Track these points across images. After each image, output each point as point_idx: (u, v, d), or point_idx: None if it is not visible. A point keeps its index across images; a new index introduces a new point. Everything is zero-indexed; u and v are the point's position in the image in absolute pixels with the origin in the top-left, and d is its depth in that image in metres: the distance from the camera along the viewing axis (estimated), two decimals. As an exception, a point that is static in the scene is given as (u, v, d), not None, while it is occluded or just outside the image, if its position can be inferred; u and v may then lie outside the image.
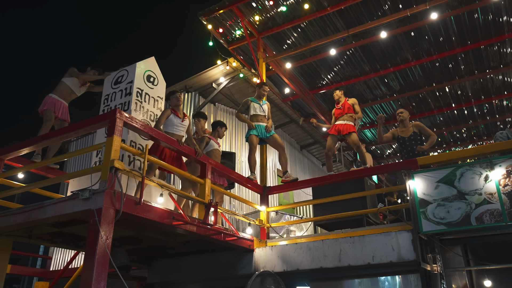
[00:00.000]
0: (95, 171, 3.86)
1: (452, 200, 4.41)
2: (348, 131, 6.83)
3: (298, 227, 7.55)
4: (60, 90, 6.17)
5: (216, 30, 8.48)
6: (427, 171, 4.74)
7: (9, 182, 5.05)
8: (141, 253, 6.10)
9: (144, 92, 5.79)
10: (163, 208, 4.23)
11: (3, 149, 4.93)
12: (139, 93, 5.71)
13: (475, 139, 13.36)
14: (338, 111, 7.13)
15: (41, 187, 4.96)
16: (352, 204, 5.89)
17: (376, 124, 12.24)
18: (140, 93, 5.74)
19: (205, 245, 5.51)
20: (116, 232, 3.92)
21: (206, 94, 9.75)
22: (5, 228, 4.40)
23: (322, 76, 10.32)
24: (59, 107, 6.07)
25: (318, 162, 15.09)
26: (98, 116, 4.27)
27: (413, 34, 8.75)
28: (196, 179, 5.10)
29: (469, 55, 9.30)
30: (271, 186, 6.67)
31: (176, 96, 5.56)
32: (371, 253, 4.72)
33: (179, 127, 5.38)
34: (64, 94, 6.19)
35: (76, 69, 6.29)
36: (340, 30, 8.53)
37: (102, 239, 3.39)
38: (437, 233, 4.43)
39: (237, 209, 9.34)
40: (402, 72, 9.99)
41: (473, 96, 10.92)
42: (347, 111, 7.00)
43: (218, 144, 6.20)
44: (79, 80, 6.32)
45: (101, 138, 5.61)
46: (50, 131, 5.56)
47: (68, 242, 5.31)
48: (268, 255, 5.44)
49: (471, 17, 8.24)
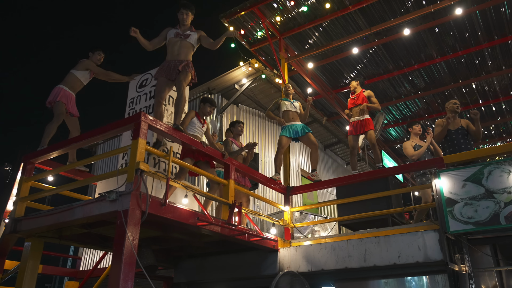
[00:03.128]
0: (121, 173, 3.95)
1: (480, 199, 4.32)
2: (365, 129, 6.80)
3: (322, 227, 7.51)
4: (71, 82, 5.92)
5: (238, 32, 8.53)
6: (454, 169, 4.64)
7: (40, 184, 5.21)
8: (167, 253, 6.19)
9: (168, 95, 5.87)
10: (188, 209, 4.29)
11: (34, 153, 5.10)
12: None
13: (504, 136, 13.01)
14: (351, 101, 7.09)
15: (70, 189, 5.10)
16: (376, 204, 5.83)
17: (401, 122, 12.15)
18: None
19: (230, 245, 5.55)
20: (143, 233, 4.01)
21: (229, 96, 9.82)
22: (36, 230, 4.54)
23: (344, 75, 10.25)
24: (70, 99, 5.86)
25: (342, 161, 14.97)
26: (124, 120, 4.37)
27: (437, 30, 8.59)
28: (220, 180, 5.15)
29: (496, 50, 9.07)
30: (295, 186, 6.67)
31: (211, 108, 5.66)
32: (397, 253, 4.66)
33: (198, 130, 5.47)
34: (74, 86, 5.95)
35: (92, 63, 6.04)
36: (362, 28, 8.46)
37: (129, 240, 3.47)
38: (464, 232, 4.34)
39: (261, 210, 9.37)
40: (426, 69, 9.82)
41: (501, 92, 10.63)
42: (361, 101, 6.94)
43: (239, 147, 6.24)
44: (92, 72, 6.10)
45: (127, 140, 5.73)
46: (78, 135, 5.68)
47: (97, 243, 5.44)
48: (293, 255, 5.44)
49: (497, 11, 8.03)
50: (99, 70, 6.06)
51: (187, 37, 5.36)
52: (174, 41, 5.33)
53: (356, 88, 7.12)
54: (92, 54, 6.10)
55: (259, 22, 8.32)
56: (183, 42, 5.34)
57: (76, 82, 5.97)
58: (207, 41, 5.47)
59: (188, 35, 5.36)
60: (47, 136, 5.56)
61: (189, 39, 5.37)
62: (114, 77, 6.09)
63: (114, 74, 6.08)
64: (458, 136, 5.90)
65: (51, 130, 5.62)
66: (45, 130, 5.61)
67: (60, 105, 5.71)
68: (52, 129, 5.64)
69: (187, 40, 5.35)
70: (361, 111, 6.89)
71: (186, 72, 5.19)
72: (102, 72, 6.05)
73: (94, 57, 6.10)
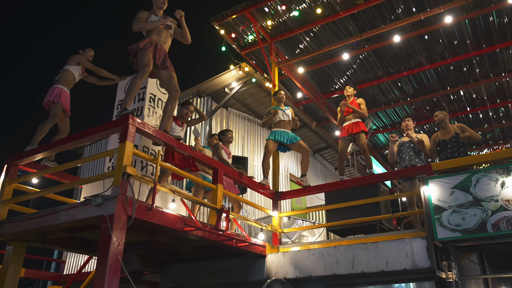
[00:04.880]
0: (108, 177, 3.88)
1: (467, 207, 4.33)
2: (357, 130, 6.78)
3: (310, 232, 7.49)
4: (67, 79, 5.83)
5: (228, 35, 8.50)
6: (442, 177, 4.66)
7: (24, 187, 5.10)
8: (153, 258, 6.12)
9: (157, 98, 5.82)
10: (175, 213, 4.23)
11: (18, 154, 5.00)
12: (152, 99, 5.75)
13: (490, 143, 13.16)
14: (345, 109, 7.06)
15: (55, 192, 5.00)
16: (365, 210, 5.83)
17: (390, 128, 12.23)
18: (153, 98, 5.78)
19: (217, 251, 5.50)
20: (129, 238, 3.94)
21: (219, 99, 9.78)
22: (19, 233, 4.45)
23: (334, 80, 10.28)
24: (66, 99, 5.78)
25: (331, 166, 15.00)
26: (111, 122, 4.31)
27: (427, 38, 8.66)
28: (208, 184, 5.11)
29: (484, 58, 9.17)
30: (283, 191, 6.64)
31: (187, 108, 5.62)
32: (385, 260, 4.66)
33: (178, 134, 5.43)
34: (70, 83, 5.88)
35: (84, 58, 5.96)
36: (353, 34, 8.49)
37: (114, 245, 3.40)
38: (452, 240, 4.35)
39: (249, 214, 9.32)
40: (415, 75, 9.89)
41: (489, 100, 10.75)
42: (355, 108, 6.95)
43: (228, 156, 6.21)
44: (83, 68, 6.03)
45: (114, 143, 5.65)
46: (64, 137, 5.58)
47: (81, 247, 5.35)
48: (280, 261, 5.40)
49: (486, 20, 8.12)
50: (91, 65, 5.98)
51: (170, 28, 5.20)
52: (160, 28, 5.07)
53: (351, 95, 7.11)
54: (83, 51, 6.02)
55: (250, 26, 8.30)
56: (168, 32, 5.17)
57: (71, 77, 5.89)
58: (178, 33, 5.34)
59: (170, 26, 5.20)
60: (39, 135, 5.46)
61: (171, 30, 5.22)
62: (104, 74, 6.01)
63: (104, 71, 6.01)
64: (453, 144, 5.93)
65: (44, 130, 5.53)
66: (37, 129, 5.51)
67: (58, 106, 5.64)
68: (46, 129, 5.55)
69: (170, 30, 5.20)
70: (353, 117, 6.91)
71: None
72: (93, 67, 5.97)
73: (86, 54, 6.02)
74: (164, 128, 4.85)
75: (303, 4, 7.79)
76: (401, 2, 7.77)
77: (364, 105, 7.03)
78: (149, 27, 4.98)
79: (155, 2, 5.16)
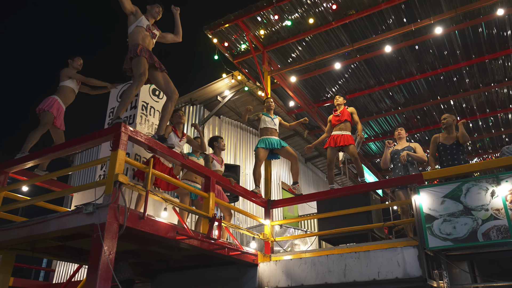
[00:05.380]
0: (99, 185, 3.85)
1: (458, 216, 4.37)
2: (345, 143, 6.75)
3: (302, 241, 7.49)
4: (65, 93, 5.87)
5: (221, 44, 8.53)
6: (433, 186, 4.70)
7: (14, 195, 5.05)
8: (144, 266, 6.06)
9: (149, 106, 5.82)
10: (167, 222, 4.21)
11: (8, 162, 4.95)
12: (144, 107, 5.74)
13: (480, 152, 13.30)
14: (335, 119, 7.01)
15: (46, 200, 4.95)
16: (357, 219, 5.85)
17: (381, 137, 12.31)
18: (146, 106, 5.77)
19: (209, 259, 5.47)
20: (120, 246, 3.90)
21: (211, 107, 9.80)
22: (8, 242, 4.38)
23: (326, 89, 10.35)
24: (60, 113, 5.80)
25: (323, 174, 15.04)
26: (103, 130, 4.29)
27: (418, 48, 8.78)
28: (200, 192, 5.09)
29: (473, 68, 9.31)
30: (276, 200, 6.64)
31: (178, 114, 5.59)
32: (377, 268, 4.67)
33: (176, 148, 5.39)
34: (68, 97, 5.91)
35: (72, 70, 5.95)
36: (345, 43, 8.58)
37: (105, 254, 3.37)
38: (443, 249, 4.38)
39: (241, 223, 9.29)
40: (406, 85, 10.00)
41: (478, 109, 10.90)
42: (346, 118, 6.92)
43: (220, 165, 6.20)
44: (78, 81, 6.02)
45: (106, 151, 5.63)
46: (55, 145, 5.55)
47: (71, 256, 5.29)
48: (272, 270, 5.39)
49: (475, 31, 8.26)
50: (80, 77, 5.98)
51: (154, 37, 5.18)
52: (146, 34, 5.03)
53: (341, 104, 7.10)
54: (72, 61, 6.01)
55: (243, 34, 8.35)
56: (152, 41, 5.14)
57: (70, 91, 5.92)
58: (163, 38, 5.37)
59: (156, 35, 5.19)
60: (29, 143, 5.43)
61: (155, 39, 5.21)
62: (95, 83, 5.99)
63: (95, 80, 5.99)
64: (452, 151, 5.92)
65: (34, 137, 5.52)
66: (28, 136, 5.49)
67: (49, 115, 5.64)
68: (36, 136, 5.54)
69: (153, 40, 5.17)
70: (344, 128, 6.88)
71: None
72: (83, 78, 5.96)
73: (75, 63, 6.01)
74: (163, 130, 4.83)
75: (295, 13, 7.86)
76: (392, 13, 7.88)
77: (355, 114, 7.05)
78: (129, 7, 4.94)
79: (150, 10, 5.17)
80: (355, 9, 7.71)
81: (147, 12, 5.15)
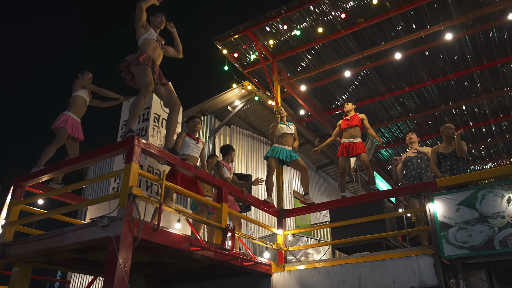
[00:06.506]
0: (114, 197, 3.89)
1: (474, 224, 4.31)
2: (357, 152, 6.75)
3: (315, 250, 7.44)
4: (77, 106, 5.98)
5: (231, 55, 8.60)
6: (447, 193, 4.65)
7: (30, 208, 5.12)
8: (158, 277, 6.08)
9: (161, 118, 5.87)
10: (181, 233, 4.23)
11: (24, 176, 5.03)
12: (156, 119, 5.80)
13: (494, 157, 13.14)
14: (345, 123, 7.03)
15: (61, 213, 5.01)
16: (370, 227, 5.80)
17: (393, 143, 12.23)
18: (157, 118, 5.82)
19: (223, 270, 5.47)
20: (134, 258, 3.93)
21: (222, 117, 9.84)
22: (25, 255, 4.45)
23: (336, 97, 10.34)
24: (72, 125, 5.90)
25: (335, 182, 14.97)
26: (117, 143, 4.34)
27: (428, 54, 8.74)
28: (213, 203, 5.11)
29: (485, 73, 9.22)
30: (288, 209, 6.63)
31: (194, 121, 5.61)
32: (392, 278, 4.62)
33: (194, 149, 5.40)
34: (80, 110, 6.01)
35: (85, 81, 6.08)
36: (354, 51, 8.58)
37: (120, 267, 3.40)
38: (459, 257, 4.32)
39: (254, 232, 9.28)
40: (417, 91, 9.94)
41: (491, 114, 10.78)
42: (356, 123, 6.93)
43: (230, 172, 6.21)
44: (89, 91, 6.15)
45: (119, 163, 5.68)
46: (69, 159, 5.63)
47: (87, 268, 5.33)
48: (286, 280, 5.36)
49: (486, 36, 8.20)
50: (93, 87, 6.08)
51: (164, 47, 5.27)
52: (156, 45, 5.11)
53: (350, 110, 7.12)
54: (82, 75, 6.12)
55: (252, 45, 8.40)
56: (162, 51, 5.22)
57: (82, 102, 6.02)
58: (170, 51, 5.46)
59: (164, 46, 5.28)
60: (44, 157, 5.55)
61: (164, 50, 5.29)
62: (107, 94, 6.07)
63: (107, 91, 6.07)
64: (452, 159, 5.89)
65: (50, 151, 5.63)
66: (43, 150, 5.61)
67: (63, 130, 5.77)
68: (51, 150, 5.66)
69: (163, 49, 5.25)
70: (354, 134, 6.89)
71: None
72: (96, 89, 6.06)
73: (85, 77, 6.13)
74: (170, 142, 4.87)
75: (304, 23, 7.90)
76: (401, 19, 7.88)
77: (366, 120, 7.06)
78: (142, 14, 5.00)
79: (153, 21, 5.24)
80: (363, 17, 7.72)
81: (150, 23, 5.22)
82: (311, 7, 7.54)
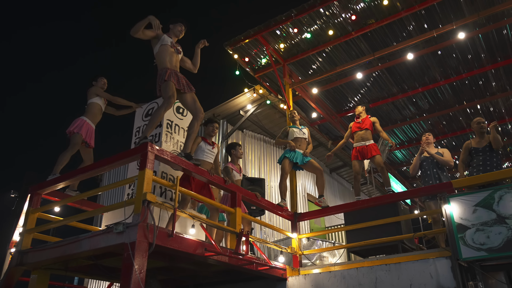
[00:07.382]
0: (128, 204, 3.93)
1: (491, 225, 4.24)
2: (371, 154, 6.74)
3: (330, 253, 7.40)
4: (93, 113, 6.05)
5: (242, 59, 8.63)
6: (464, 194, 4.58)
7: (47, 216, 5.19)
8: (174, 283, 6.10)
9: (174, 124, 5.90)
10: (195, 239, 4.24)
11: (40, 184, 5.10)
12: (169, 125, 5.83)
13: (511, 156, 12.92)
14: (356, 125, 7.04)
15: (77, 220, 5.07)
16: (386, 230, 5.74)
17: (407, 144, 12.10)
18: (170, 124, 5.86)
19: (238, 274, 5.46)
20: (149, 264, 3.95)
21: (234, 121, 9.87)
22: (43, 262, 4.50)
23: (348, 99, 10.29)
24: (86, 130, 5.95)
25: (349, 184, 14.89)
26: (130, 150, 4.38)
27: (440, 53, 8.65)
28: (226, 208, 5.11)
29: (499, 71, 9.09)
30: (302, 213, 6.60)
31: (213, 126, 5.61)
32: (409, 281, 4.56)
33: (209, 154, 5.41)
34: (97, 114, 6.09)
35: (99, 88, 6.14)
36: (365, 53, 8.54)
37: (136, 273, 3.42)
38: (477, 259, 4.25)
39: (268, 236, 9.26)
40: (430, 91, 9.84)
41: (507, 113, 10.60)
42: (367, 126, 6.93)
43: (239, 174, 6.21)
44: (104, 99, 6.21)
45: (134, 169, 5.73)
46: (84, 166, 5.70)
47: (103, 274, 5.37)
48: (302, 284, 5.33)
49: (500, 33, 8.09)
50: (106, 95, 6.15)
51: (180, 52, 5.30)
52: (171, 51, 5.13)
53: (361, 113, 7.11)
54: (96, 82, 6.20)
55: (263, 49, 8.42)
56: (178, 56, 5.25)
57: (98, 109, 6.11)
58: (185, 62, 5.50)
59: (180, 51, 5.31)
60: (60, 164, 5.62)
61: (180, 54, 5.33)
62: (120, 102, 6.14)
63: (120, 99, 6.14)
64: (485, 154, 5.73)
65: (64, 158, 5.70)
66: (58, 158, 5.68)
67: (78, 136, 5.82)
68: (66, 157, 5.72)
69: (179, 55, 5.30)
70: (365, 137, 6.87)
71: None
72: (109, 97, 6.14)
73: (99, 83, 6.20)
74: (189, 148, 4.90)
75: (314, 26, 7.89)
76: (413, 19, 7.82)
77: (378, 123, 7.03)
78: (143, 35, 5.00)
79: (173, 29, 5.31)
80: (374, 18, 7.69)
81: (170, 31, 5.29)
82: (321, 10, 7.53)
